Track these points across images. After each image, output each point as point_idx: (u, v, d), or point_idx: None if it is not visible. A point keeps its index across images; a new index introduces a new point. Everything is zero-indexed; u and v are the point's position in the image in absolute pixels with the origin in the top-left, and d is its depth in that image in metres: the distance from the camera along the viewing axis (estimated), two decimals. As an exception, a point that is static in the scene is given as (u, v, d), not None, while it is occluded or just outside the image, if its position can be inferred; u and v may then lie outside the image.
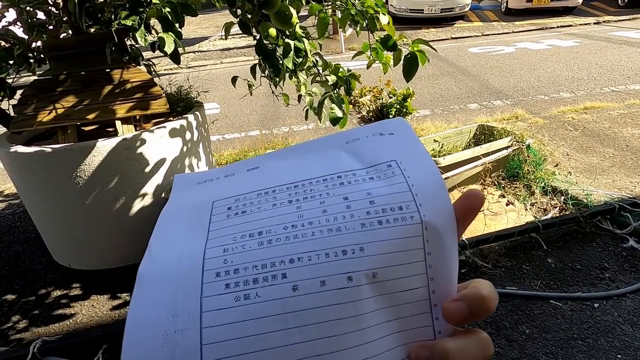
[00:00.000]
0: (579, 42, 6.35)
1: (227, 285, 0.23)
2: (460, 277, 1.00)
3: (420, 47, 1.09)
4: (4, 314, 1.81)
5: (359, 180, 0.26)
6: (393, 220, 0.24)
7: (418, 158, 0.27)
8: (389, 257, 0.23)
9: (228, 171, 0.30)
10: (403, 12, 8.56)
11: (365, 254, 0.23)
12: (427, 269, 0.23)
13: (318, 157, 0.29)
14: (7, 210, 2.78)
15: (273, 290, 0.22)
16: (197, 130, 2.05)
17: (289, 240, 0.24)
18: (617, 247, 1.87)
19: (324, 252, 0.23)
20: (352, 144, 0.29)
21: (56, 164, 1.72)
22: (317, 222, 0.24)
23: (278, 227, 0.25)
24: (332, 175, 0.27)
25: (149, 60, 2.24)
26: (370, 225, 0.24)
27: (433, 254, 0.24)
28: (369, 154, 0.28)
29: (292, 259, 0.23)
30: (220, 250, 0.24)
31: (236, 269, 0.23)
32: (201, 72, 6.54)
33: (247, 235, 0.25)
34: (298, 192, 0.27)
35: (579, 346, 1.41)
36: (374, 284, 0.23)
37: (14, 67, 1.89)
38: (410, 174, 0.26)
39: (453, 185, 2.17)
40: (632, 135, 2.99)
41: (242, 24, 1.57)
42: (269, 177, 0.28)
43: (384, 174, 0.26)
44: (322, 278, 0.22)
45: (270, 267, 0.23)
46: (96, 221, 1.84)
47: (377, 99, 2.71)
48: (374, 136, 0.29)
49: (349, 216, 0.24)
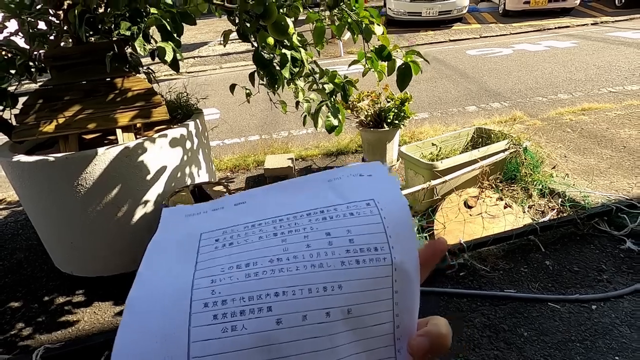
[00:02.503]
0: (576, 43, 6.38)
1: (214, 316, 0.24)
2: (459, 281, 1.03)
3: (413, 58, 1.11)
4: (7, 321, 1.83)
5: (340, 216, 0.28)
6: (369, 260, 0.26)
7: (393, 200, 0.28)
8: (363, 295, 0.25)
9: (216, 205, 0.31)
10: (401, 15, 8.61)
11: (343, 291, 0.25)
12: (394, 306, 0.26)
13: (302, 193, 0.30)
14: (10, 218, 2.80)
15: (259, 323, 0.23)
16: (197, 137, 2.07)
17: (274, 274, 0.25)
18: (615, 248, 1.88)
19: (307, 287, 0.24)
20: (334, 182, 0.31)
21: (58, 172, 1.74)
22: (302, 256, 0.26)
23: (264, 259, 0.26)
24: (315, 210, 0.28)
25: (148, 68, 2.27)
26: (349, 264, 0.25)
27: (400, 293, 0.26)
28: (350, 191, 0.29)
29: (277, 292, 0.24)
30: (209, 281, 0.25)
31: (224, 300, 0.24)
32: (201, 77, 6.58)
33: (235, 267, 0.26)
34: (283, 226, 0.28)
35: (577, 348, 1.42)
36: (348, 319, 0.24)
37: (15, 77, 1.91)
38: (386, 214, 0.28)
39: (451, 188, 2.19)
40: (630, 137, 3.01)
41: (241, 33, 1.59)
42: (255, 211, 0.30)
43: (362, 212, 0.28)
44: (304, 313, 0.24)
45: (256, 300, 0.24)
46: (98, 229, 1.86)
47: (375, 103, 2.73)
48: (354, 176, 0.31)
49: (331, 253, 0.26)
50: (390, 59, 1.22)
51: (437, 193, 2.16)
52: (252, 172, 3.14)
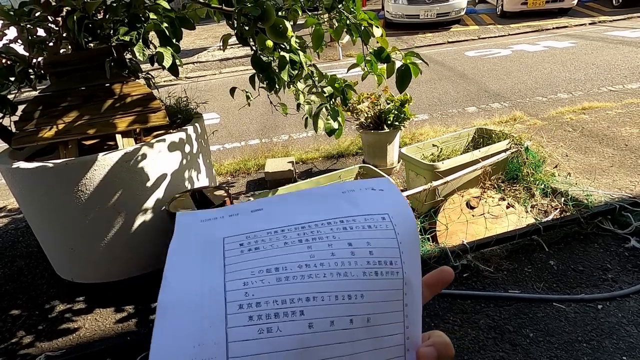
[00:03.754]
0: (575, 43, 6.38)
1: (250, 318, 0.24)
2: (462, 282, 1.02)
3: (412, 59, 1.10)
4: (8, 329, 1.82)
5: (359, 227, 0.29)
6: (385, 273, 0.27)
7: (405, 218, 0.30)
8: (380, 305, 0.27)
9: (232, 211, 0.32)
10: (399, 18, 8.63)
11: (364, 300, 0.26)
12: (405, 318, 0.27)
13: (319, 203, 0.31)
14: (10, 225, 2.79)
15: (292, 326, 0.24)
16: (197, 141, 2.07)
17: (304, 279, 0.26)
18: (619, 247, 1.86)
19: (334, 294, 0.26)
20: (349, 194, 0.32)
21: (57, 178, 1.74)
22: (328, 264, 0.27)
23: (293, 264, 0.27)
24: (335, 219, 0.30)
25: (147, 73, 2.27)
26: (370, 275, 0.27)
27: (409, 306, 0.28)
28: (365, 204, 0.31)
29: (308, 297, 0.25)
30: (241, 284, 0.26)
31: (258, 302, 0.25)
32: (200, 82, 6.59)
33: (265, 271, 0.26)
34: (306, 233, 0.29)
35: (583, 349, 1.41)
36: (368, 327, 0.26)
37: (15, 84, 1.91)
38: (399, 230, 0.29)
39: (453, 189, 2.18)
40: (631, 135, 3.00)
41: (240, 37, 1.59)
42: (275, 218, 0.30)
43: (379, 225, 0.29)
44: (332, 318, 0.25)
45: (289, 303, 0.25)
46: (98, 235, 1.85)
47: (375, 105, 2.73)
48: (366, 190, 0.32)
49: (354, 263, 0.27)
50: (389, 61, 1.22)
51: (438, 194, 2.15)
52: (252, 176, 3.14)
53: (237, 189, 2.95)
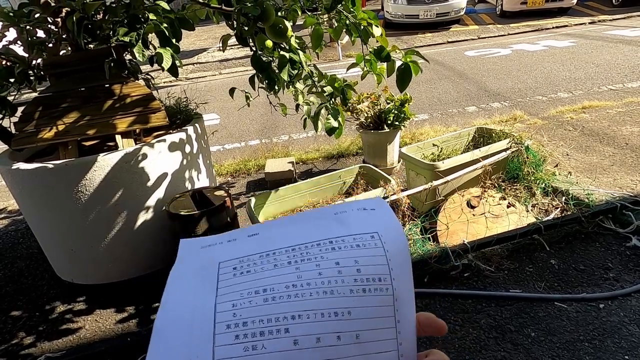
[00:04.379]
0: (574, 42, 6.38)
1: (236, 336, 0.26)
2: (463, 282, 1.02)
3: (412, 58, 1.10)
4: (8, 330, 1.81)
5: (347, 247, 0.30)
6: (374, 289, 0.28)
7: (395, 236, 0.31)
8: (370, 322, 0.27)
9: (230, 237, 0.34)
10: (399, 18, 8.63)
11: (352, 317, 0.27)
12: (397, 335, 0.27)
13: (311, 225, 0.33)
14: (10, 227, 2.79)
15: (277, 343, 0.25)
16: (197, 142, 2.07)
17: (290, 299, 0.27)
18: (621, 246, 1.86)
19: (320, 312, 0.26)
20: (340, 215, 0.33)
21: (57, 179, 1.73)
22: (314, 283, 0.28)
23: (280, 285, 0.28)
24: (324, 240, 0.31)
25: (147, 74, 2.27)
26: (357, 292, 0.28)
27: (402, 323, 0.28)
28: (355, 224, 0.32)
29: (293, 315, 0.26)
30: (230, 305, 0.27)
31: (245, 322, 0.26)
32: (200, 83, 6.60)
33: (253, 292, 0.28)
34: (296, 255, 0.30)
35: (585, 348, 1.40)
36: (357, 344, 0.26)
37: (14, 85, 1.91)
38: (389, 247, 0.30)
39: (453, 189, 2.17)
40: (632, 133, 2.99)
41: (239, 37, 1.59)
42: (268, 241, 0.32)
43: (367, 244, 0.30)
44: (318, 335, 0.26)
45: (275, 322, 0.26)
46: (98, 236, 1.85)
47: (375, 105, 2.72)
48: (358, 210, 0.34)
49: (340, 281, 0.28)
50: (389, 60, 1.21)
51: (439, 194, 2.15)
52: (252, 176, 3.13)
53: (237, 189, 2.95)
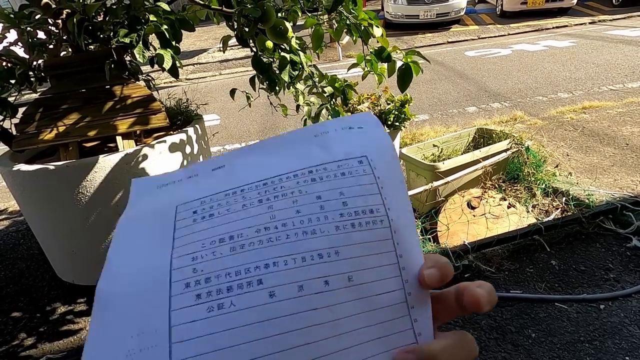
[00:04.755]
0: (575, 42, 6.38)
1: (198, 296, 0.21)
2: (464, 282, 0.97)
3: (413, 58, 1.10)
4: (9, 332, 1.82)
5: (331, 176, 0.25)
6: (365, 223, 0.24)
7: (386, 156, 0.26)
8: (364, 261, 0.23)
9: (191, 172, 0.28)
10: (399, 18, 8.64)
11: (340, 257, 0.23)
12: (401, 272, 0.23)
13: (287, 152, 0.27)
14: (11, 227, 2.79)
15: (248, 298, 0.21)
16: (197, 143, 2.07)
17: (262, 245, 0.23)
18: (621, 247, 1.86)
19: (300, 256, 0.22)
20: (322, 137, 0.28)
21: (58, 180, 1.74)
22: (292, 223, 0.23)
23: (250, 230, 0.23)
24: (302, 170, 0.26)
25: (148, 75, 2.27)
26: (344, 228, 0.23)
27: (405, 257, 0.24)
28: (339, 147, 0.27)
29: (267, 264, 0.22)
30: (189, 259, 0.23)
31: (207, 277, 0.22)
32: (200, 84, 6.60)
33: (217, 241, 0.23)
34: (268, 191, 0.25)
35: (586, 349, 1.40)
36: (351, 287, 0.22)
37: (15, 87, 1.92)
38: (380, 173, 0.25)
39: (453, 189, 2.17)
40: (632, 134, 2.99)
41: (240, 38, 1.59)
42: (236, 175, 0.27)
43: (355, 171, 0.25)
44: (300, 283, 0.22)
45: (244, 274, 0.22)
46: (99, 236, 1.85)
47: (375, 106, 2.72)
48: (342, 129, 0.28)
49: (323, 218, 0.24)
50: (390, 60, 1.22)
51: (439, 194, 2.15)
52: (253, 177, 3.13)
53: (238, 190, 2.95)
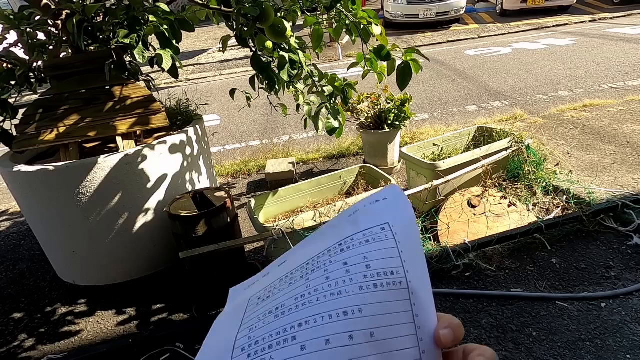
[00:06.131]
0: (575, 40, 6.37)
1: (249, 355, 0.26)
2: (464, 281, 1.01)
3: (413, 56, 1.10)
4: (10, 332, 1.82)
5: (356, 245, 0.29)
6: (386, 284, 0.27)
7: (406, 221, 0.30)
8: (384, 318, 0.26)
9: (266, 271, 0.36)
10: (399, 17, 8.63)
11: (364, 314, 0.26)
12: (417, 330, 0.26)
13: (327, 235, 0.33)
14: (12, 229, 2.79)
15: (284, 352, 0.25)
16: (197, 143, 2.07)
17: (298, 309, 0.27)
18: (622, 244, 1.85)
19: (328, 314, 0.26)
20: (354, 215, 0.33)
21: (58, 181, 1.74)
22: (322, 288, 0.28)
23: (290, 300, 0.28)
24: (334, 245, 0.31)
25: (148, 76, 2.27)
26: (367, 288, 0.27)
27: (420, 317, 0.26)
28: (366, 220, 0.31)
29: (300, 323, 0.26)
30: (247, 330, 0.29)
31: (257, 341, 0.27)
32: (200, 84, 6.60)
33: (267, 313, 0.29)
34: (308, 268, 0.30)
35: (587, 347, 1.40)
36: (372, 342, 0.25)
37: (15, 88, 1.92)
38: (400, 238, 0.29)
39: (454, 188, 2.17)
40: (633, 132, 2.98)
41: (239, 38, 1.59)
42: (291, 264, 0.33)
43: (377, 237, 0.29)
44: (327, 337, 0.25)
45: (282, 333, 0.26)
46: (99, 237, 1.85)
47: (375, 105, 2.72)
48: (371, 204, 0.33)
49: (349, 280, 0.27)
50: (389, 59, 1.21)
51: (440, 193, 2.15)
52: (253, 177, 3.13)
53: (238, 190, 2.95)
